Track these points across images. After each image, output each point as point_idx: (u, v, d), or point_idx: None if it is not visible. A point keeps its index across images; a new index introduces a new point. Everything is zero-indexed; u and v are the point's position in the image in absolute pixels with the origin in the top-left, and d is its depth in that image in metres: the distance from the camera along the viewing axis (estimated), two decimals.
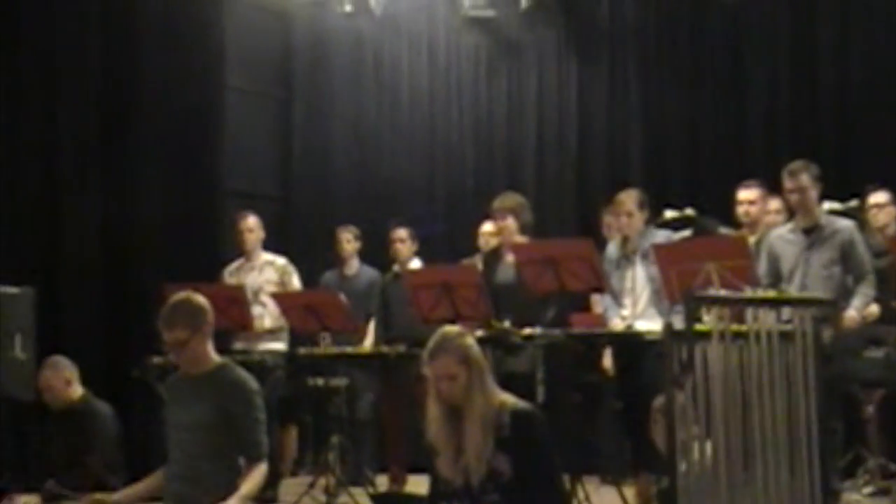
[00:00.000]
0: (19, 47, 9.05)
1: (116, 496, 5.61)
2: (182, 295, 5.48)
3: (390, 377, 8.19)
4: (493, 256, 8.12)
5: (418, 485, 6.60)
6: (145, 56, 9.63)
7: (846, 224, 7.19)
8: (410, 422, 7.26)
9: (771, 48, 10.56)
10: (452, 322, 6.77)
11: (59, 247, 9.13)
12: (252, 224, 8.81)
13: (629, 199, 7.56)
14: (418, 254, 9.20)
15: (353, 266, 9.57)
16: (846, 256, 7.05)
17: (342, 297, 8.25)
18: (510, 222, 7.83)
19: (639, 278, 7.44)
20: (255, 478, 5.31)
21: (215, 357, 5.51)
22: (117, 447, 7.31)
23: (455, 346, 4.88)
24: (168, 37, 9.77)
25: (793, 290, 6.94)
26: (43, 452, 7.48)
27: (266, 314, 8.62)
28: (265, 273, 8.80)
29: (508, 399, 4.95)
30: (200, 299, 5.44)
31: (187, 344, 5.34)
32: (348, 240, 9.52)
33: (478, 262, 8.76)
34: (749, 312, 5.41)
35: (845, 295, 6.98)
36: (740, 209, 7.93)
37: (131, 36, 9.58)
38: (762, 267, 7.09)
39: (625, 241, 7.58)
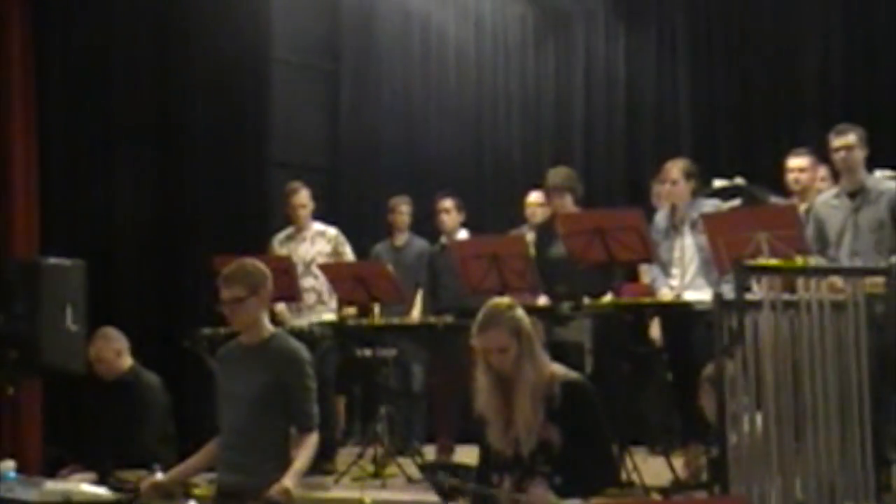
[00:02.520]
0: (74, 24, 9.09)
1: (171, 473, 5.63)
2: (247, 259, 5.58)
3: (439, 348, 8.17)
4: (546, 229, 8.06)
5: (466, 455, 6.60)
6: (195, 31, 9.66)
7: (892, 184, 7.08)
8: (459, 392, 7.24)
9: (824, 13, 10.39)
10: (500, 293, 6.80)
11: (112, 219, 9.21)
12: (305, 199, 8.81)
13: (675, 167, 7.47)
14: (465, 224, 9.16)
15: (404, 237, 9.55)
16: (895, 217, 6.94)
17: (391, 267, 8.25)
18: (567, 199, 7.78)
19: (687, 248, 7.36)
20: (308, 450, 5.34)
21: (269, 327, 5.55)
22: (168, 418, 7.31)
23: (506, 318, 4.85)
24: (217, 11, 9.78)
25: (842, 256, 6.86)
26: (94, 424, 7.49)
27: (317, 285, 8.62)
28: (317, 244, 8.80)
29: (559, 370, 4.94)
30: (262, 265, 5.52)
31: (243, 302, 5.37)
32: (405, 212, 9.50)
33: (525, 232, 8.75)
34: (800, 282, 5.38)
35: None
36: (790, 177, 7.84)
37: (182, 12, 9.61)
38: (809, 234, 7.00)
39: (673, 210, 7.50)
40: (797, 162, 7.85)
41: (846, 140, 6.97)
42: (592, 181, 10.15)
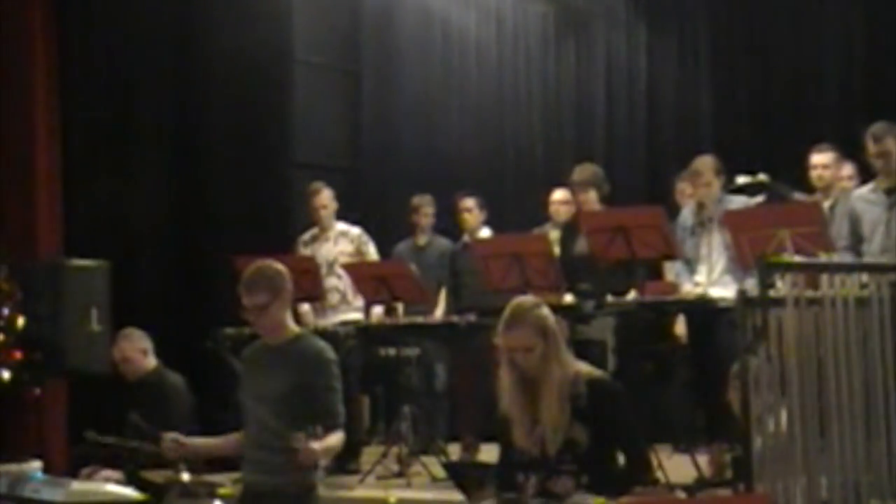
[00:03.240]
0: (96, 26, 9.13)
1: (196, 440, 5.61)
2: (263, 261, 5.52)
3: (462, 347, 8.18)
4: (571, 227, 8.06)
5: (490, 453, 6.59)
6: (216, 32, 9.70)
7: None
8: (482, 391, 7.24)
9: (845, 10, 10.34)
10: (523, 291, 6.78)
11: (134, 221, 9.23)
12: (327, 199, 8.84)
13: (705, 167, 7.45)
14: (487, 223, 9.15)
15: (427, 236, 9.56)
16: None
17: (413, 267, 8.27)
18: (592, 196, 7.76)
19: (715, 245, 7.35)
20: (333, 440, 5.28)
21: (293, 327, 5.54)
22: (191, 418, 7.31)
23: (531, 317, 4.84)
24: (238, 13, 9.80)
25: (873, 251, 6.82)
26: (118, 424, 7.51)
27: (340, 285, 8.64)
28: (340, 244, 8.83)
29: (584, 368, 4.92)
30: (280, 266, 5.47)
31: (267, 309, 5.34)
32: (428, 212, 9.50)
33: (548, 231, 8.74)
34: (824, 278, 5.36)
35: None
36: (814, 173, 7.81)
37: (203, 12, 9.64)
38: (843, 229, 6.97)
39: (700, 207, 7.49)
40: (820, 158, 7.81)
41: (884, 146, 6.92)
42: (614, 179, 10.02)
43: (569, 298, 7.41)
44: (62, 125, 8.83)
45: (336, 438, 5.29)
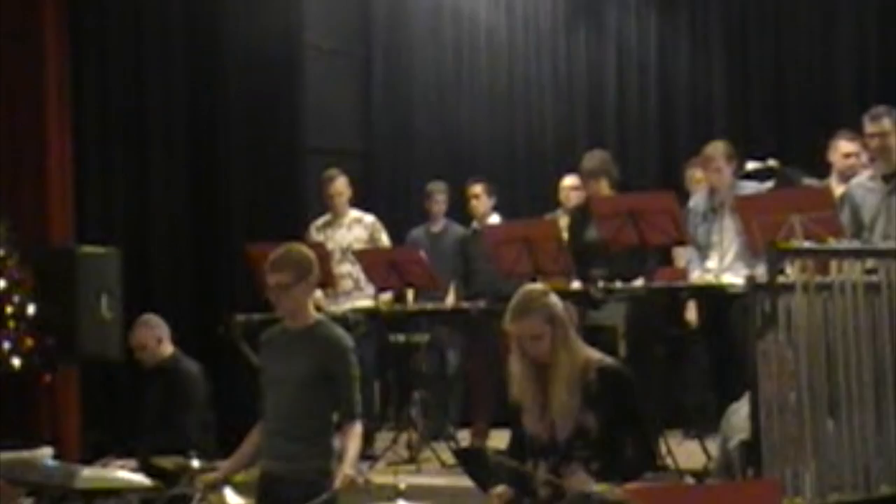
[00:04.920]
0: (106, 9, 9.15)
1: (222, 467, 5.49)
2: (293, 244, 5.58)
3: (473, 333, 8.20)
4: (581, 213, 8.04)
5: (501, 440, 6.61)
6: (228, 18, 9.68)
7: None
8: (493, 377, 7.27)
9: None
10: (533, 278, 6.82)
11: (146, 207, 9.23)
12: (342, 187, 8.86)
13: (717, 152, 7.45)
14: (497, 209, 9.16)
15: (441, 223, 9.57)
16: None
17: (423, 254, 8.28)
18: (602, 182, 7.77)
19: (727, 231, 7.34)
20: (356, 438, 5.32)
21: (313, 313, 5.56)
22: (208, 406, 7.31)
23: (539, 305, 4.85)
24: None
25: (875, 239, 6.83)
26: (135, 412, 7.54)
27: (354, 272, 8.66)
28: (354, 231, 8.86)
29: (594, 355, 4.93)
30: (309, 251, 5.51)
31: (290, 290, 5.35)
32: (441, 199, 9.50)
33: (559, 217, 8.75)
34: (833, 264, 5.37)
35: None
36: (847, 162, 7.77)
37: None
38: (844, 218, 6.98)
39: (712, 193, 7.49)
40: (850, 147, 7.78)
41: (881, 126, 6.91)
42: (625, 165, 10.05)
43: (579, 285, 7.40)
44: (75, 112, 8.82)
45: (356, 437, 5.31)
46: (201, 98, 9.52)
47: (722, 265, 7.34)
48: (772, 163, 7.52)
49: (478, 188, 9.08)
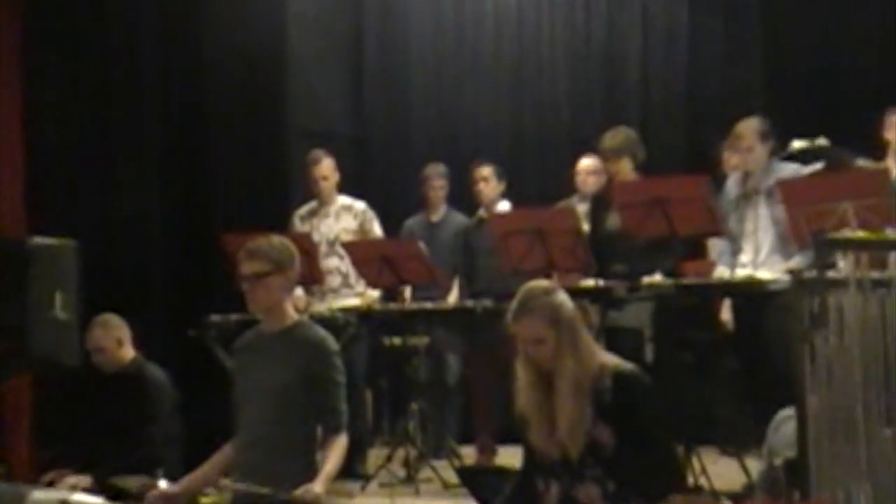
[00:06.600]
0: None
1: (182, 483, 5.55)
2: (274, 235, 5.59)
3: (476, 336, 8.26)
4: (601, 199, 8.04)
5: (510, 457, 6.55)
6: None
7: None
8: (500, 386, 7.17)
9: None
10: (546, 274, 6.75)
11: (113, 195, 9.22)
12: (327, 170, 8.82)
13: (748, 130, 7.45)
14: (506, 195, 9.09)
15: (441, 211, 9.46)
16: None
17: (422, 246, 8.26)
18: (625, 164, 7.74)
19: (762, 219, 7.34)
20: (338, 452, 5.30)
21: (292, 313, 5.54)
22: (173, 417, 7.31)
23: (541, 304, 4.77)
24: None
25: None
26: (92, 421, 7.48)
27: (342, 266, 8.63)
28: (342, 220, 8.83)
29: (610, 360, 4.85)
30: (291, 244, 5.51)
31: (263, 280, 5.32)
32: (439, 184, 9.39)
33: (575, 204, 8.74)
34: (891, 257, 5.34)
35: None
36: None
37: None
38: None
39: (745, 176, 7.47)
40: None
41: None
42: (649, 146, 10.00)
43: (599, 281, 7.33)
44: (29, 90, 8.82)
45: (338, 451, 5.29)
46: (175, 73, 9.54)
47: (757, 259, 7.32)
48: (821, 141, 7.50)
49: (485, 170, 9.04)
